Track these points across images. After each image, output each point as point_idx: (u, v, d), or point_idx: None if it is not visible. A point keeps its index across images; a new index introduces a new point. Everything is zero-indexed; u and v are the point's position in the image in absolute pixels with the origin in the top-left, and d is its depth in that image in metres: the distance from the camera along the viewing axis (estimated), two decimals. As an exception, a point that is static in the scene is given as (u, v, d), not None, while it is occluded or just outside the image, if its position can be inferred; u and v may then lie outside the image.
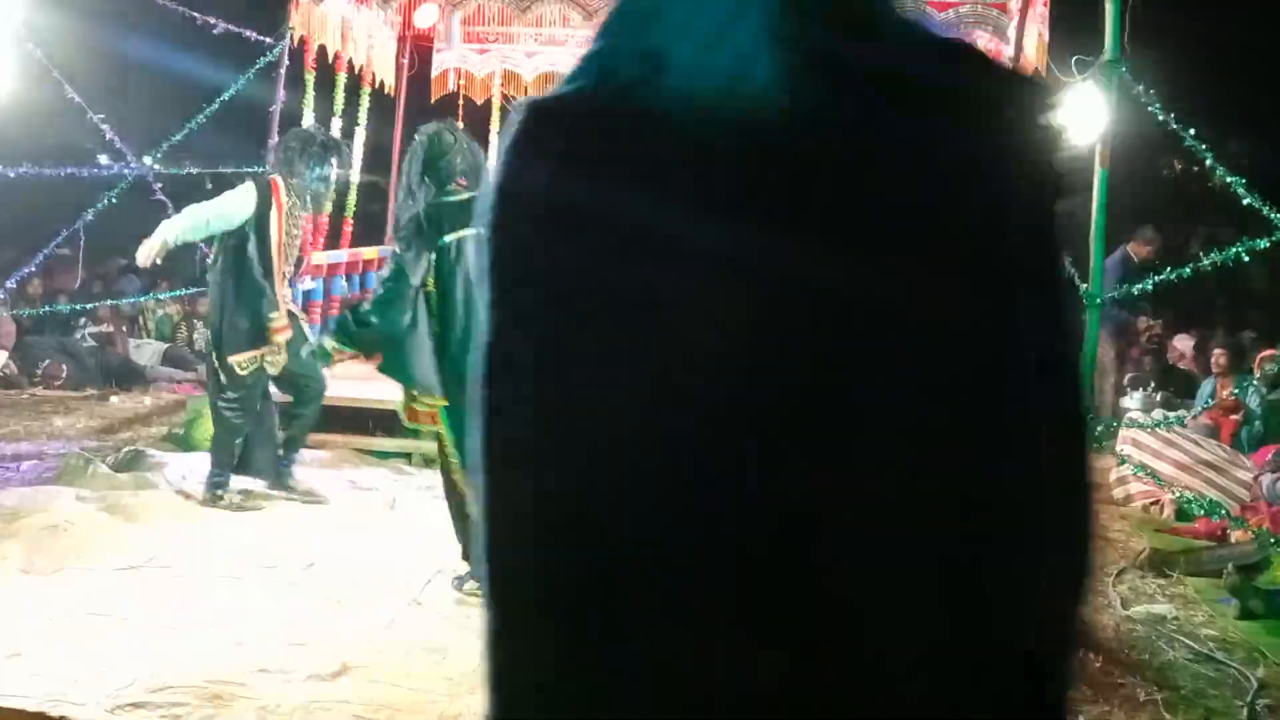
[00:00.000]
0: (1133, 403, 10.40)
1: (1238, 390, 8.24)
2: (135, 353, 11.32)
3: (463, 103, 11.59)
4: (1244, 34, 15.36)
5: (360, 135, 10.13)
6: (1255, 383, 8.27)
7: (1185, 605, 5.71)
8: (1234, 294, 15.62)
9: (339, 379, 6.90)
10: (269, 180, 6.44)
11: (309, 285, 8.96)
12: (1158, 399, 10.46)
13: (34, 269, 7.75)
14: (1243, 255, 4.52)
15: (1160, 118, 4.80)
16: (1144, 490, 7.83)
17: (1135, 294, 5.22)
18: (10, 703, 3.76)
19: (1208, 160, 4.71)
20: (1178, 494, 5.62)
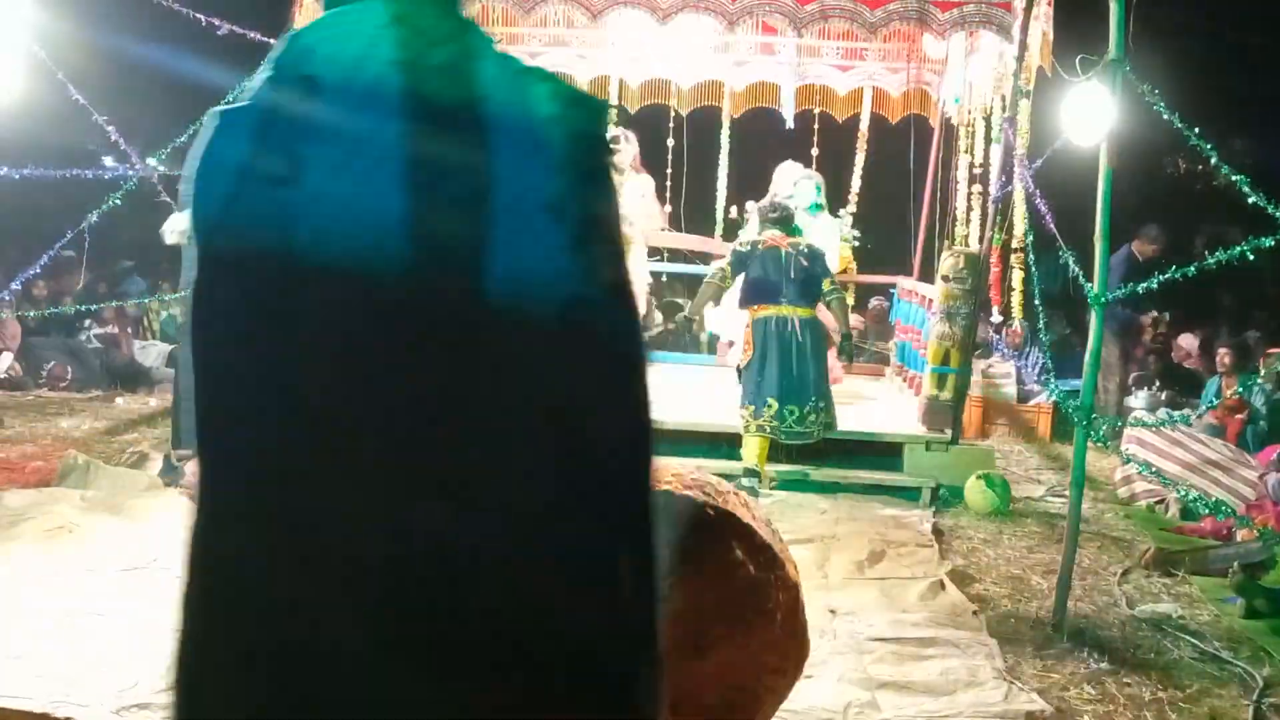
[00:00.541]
0: (1138, 402, 10.40)
1: (1243, 389, 8.23)
2: (140, 354, 11.33)
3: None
4: (1248, 33, 15.35)
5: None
6: (1260, 382, 8.26)
7: (1191, 604, 5.71)
8: (1239, 293, 15.60)
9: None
10: None
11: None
12: (1163, 398, 10.46)
13: (39, 270, 7.74)
14: (1248, 254, 4.50)
15: (1165, 116, 4.78)
16: (1149, 489, 7.83)
17: (1140, 293, 5.19)
18: (14, 704, 3.76)
19: (1212, 159, 4.70)
20: (1183, 493, 5.60)
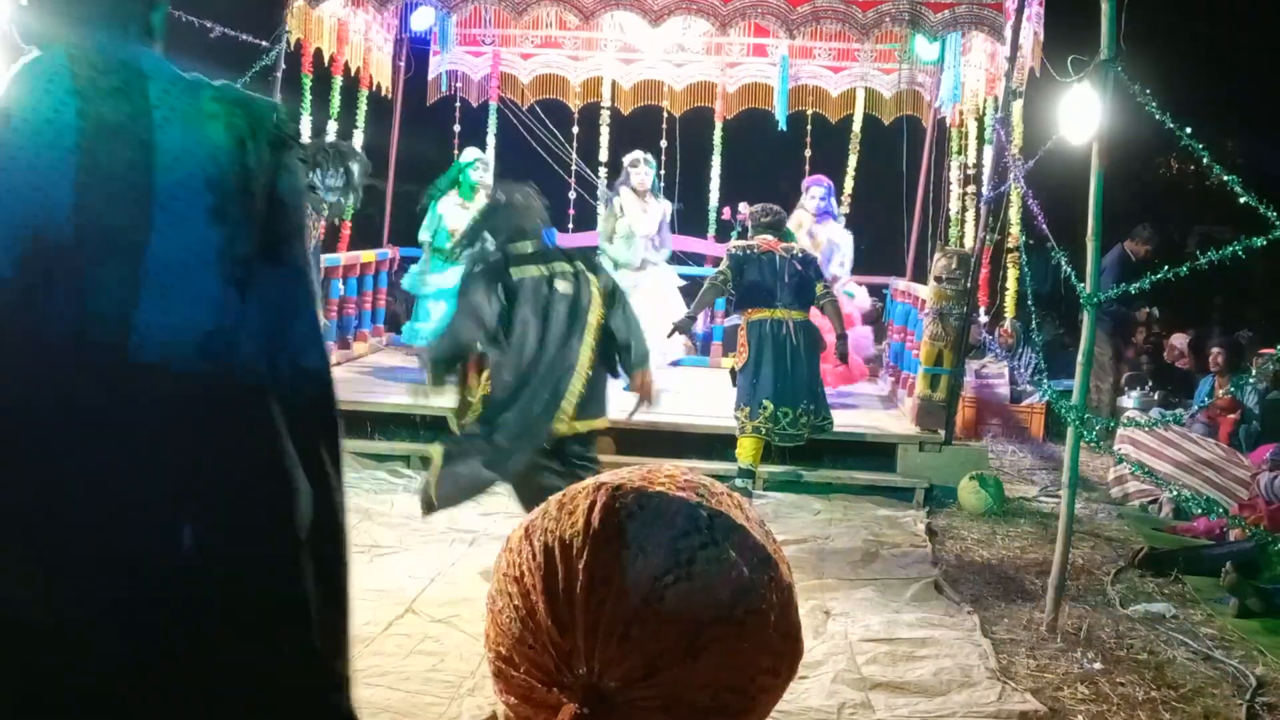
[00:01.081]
0: (1130, 401, 10.42)
1: (1235, 389, 8.25)
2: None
3: (459, 105, 11.58)
4: (1240, 33, 15.38)
5: (358, 138, 10.12)
6: (1252, 381, 8.28)
7: (1184, 604, 5.72)
8: (1231, 292, 15.63)
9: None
10: None
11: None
12: (1155, 398, 10.49)
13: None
14: (1239, 254, 4.51)
15: (1156, 117, 4.79)
16: (1142, 489, 7.85)
17: (1132, 293, 5.20)
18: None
19: (1204, 159, 4.70)
20: (1176, 492, 5.62)
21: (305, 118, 8.95)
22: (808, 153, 11.36)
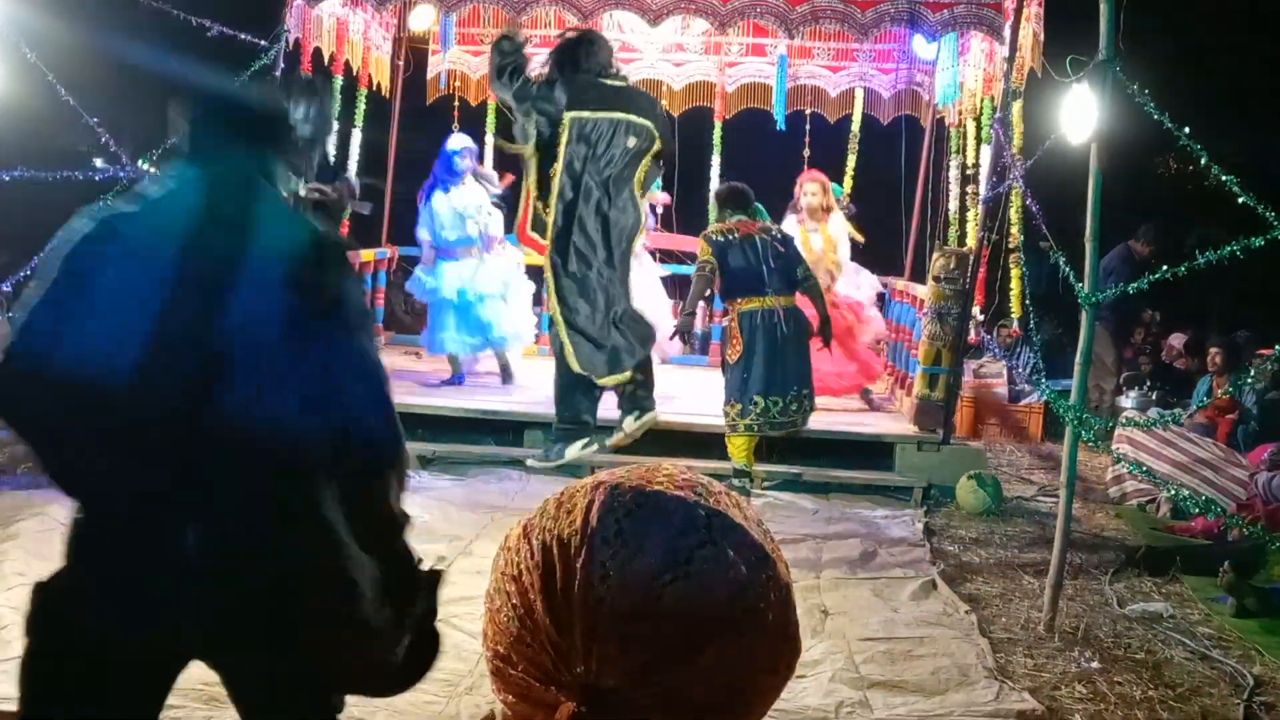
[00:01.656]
0: (1129, 401, 10.42)
1: (1233, 389, 8.25)
2: (131, 356, 11.30)
3: (458, 105, 11.58)
4: (1238, 34, 15.39)
5: (357, 137, 10.12)
6: (1251, 381, 8.28)
7: (1181, 603, 5.73)
8: (1229, 293, 15.63)
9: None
10: None
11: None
12: (1153, 397, 10.49)
13: (29, 273, 7.72)
14: (1238, 254, 4.51)
15: (1155, 117, 4.79)
16: (1140, 489, 7.86)
17: (1130, 293, 5.21)
18: (8, 706, 3.75)
19: (1202, 159, 4.71)
20: (1174, 492, 5.63)
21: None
22: (806, 152, 11.36)
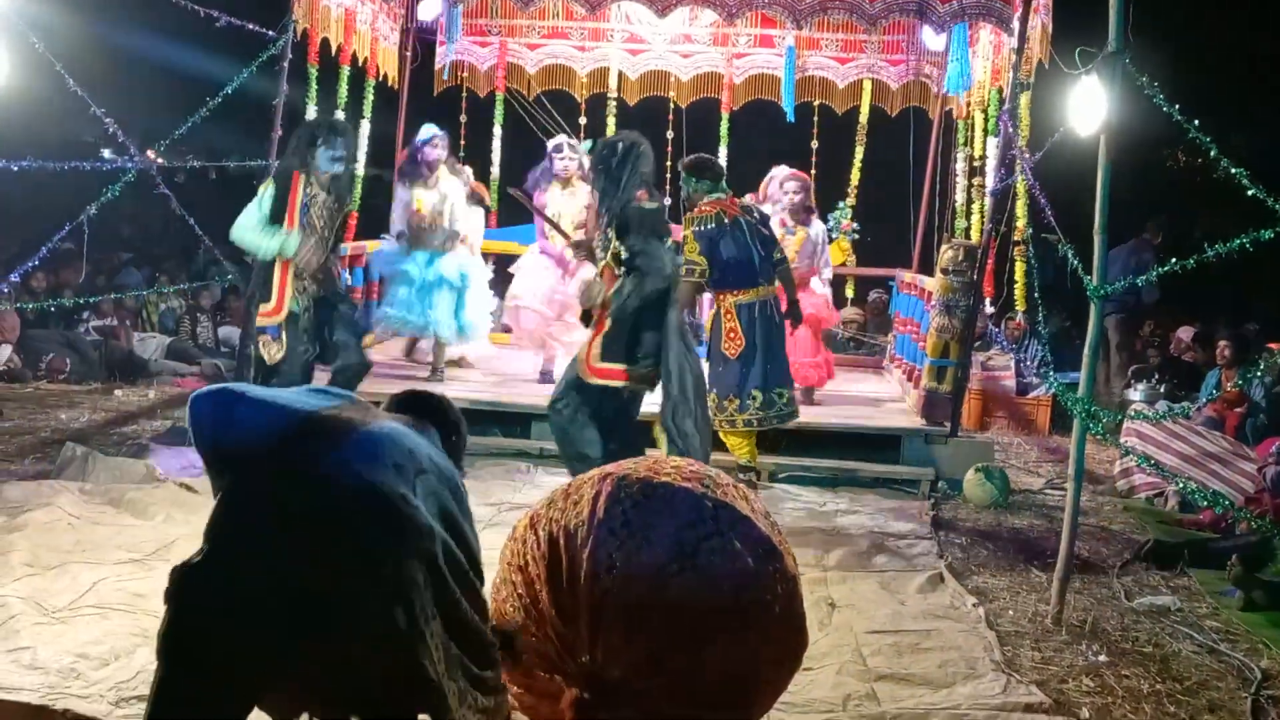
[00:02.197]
0: (1137, 394, 10.41)
1: (1242, 382, 8.23)
2: (139, 346, 11.32)
3: (465, 95, 11.58)
4: (1247, 26, 15.34)
5: (365, 128, 10.11)
6: (1260, 374, 8.26)
7: (1189, 597, 5.71)
8: (1238, 285, 15.60)
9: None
10: (290, 175, 6.82)
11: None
12: (1161, 390, 10.46)
13: (37, 263, 7.72)
14: (1247, 247, 4.50)
15: (1164, 110, 4.77)
16: (1148, 482, 7.84)
17: (1139, 285, 5.19)
18: (14, 696, 3.76)
19: (1211, 152, 4.69)
20: (1182, 485, 5.61)
21: (311, 108, 8.93)
22: (814, 144, 11.34)
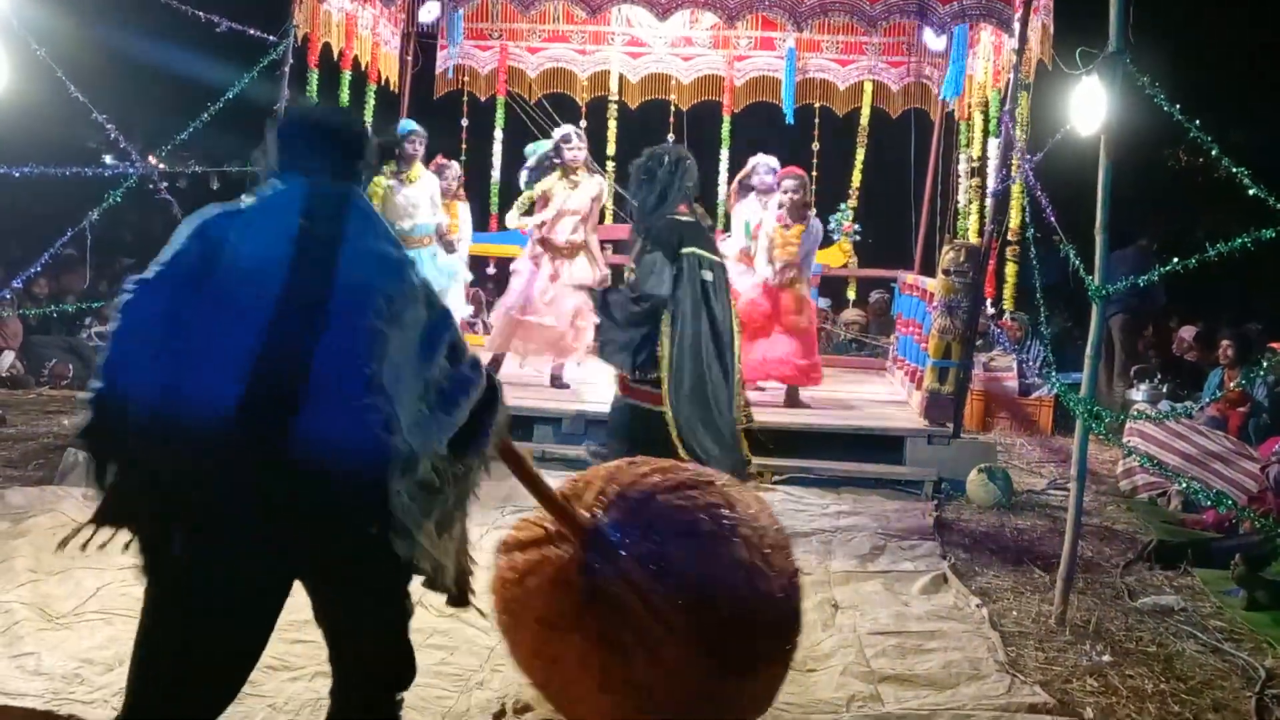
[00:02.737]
0: (1139, 394, 10.40)
1: (1244, 381, 8.22)
2: (141, 352, 11.32)
3: (466, 99, 11.59)
4: (1248, 25, 15.32)
5: (365, 133, 10.10)
6: (1262, 374, 8.26)
7: (1193, 596, 5.71)
8: (1240, 285, 15.58)
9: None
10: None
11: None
12: (1164, 391, 10.46)
13: (40, 268, 7.73)
14: (1249, 246, 4.49)
15: (1165, 109, 4.77)
16: (1151, 482, 7.83)
17: (1140, 285, 5.18)
18: (18, 701, 3.77)
19: (1213, 151, 4.69)
20: (1184, 485, 5.60)
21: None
22: (815, 146, 11.35)
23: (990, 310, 9.71)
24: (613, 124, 11.50)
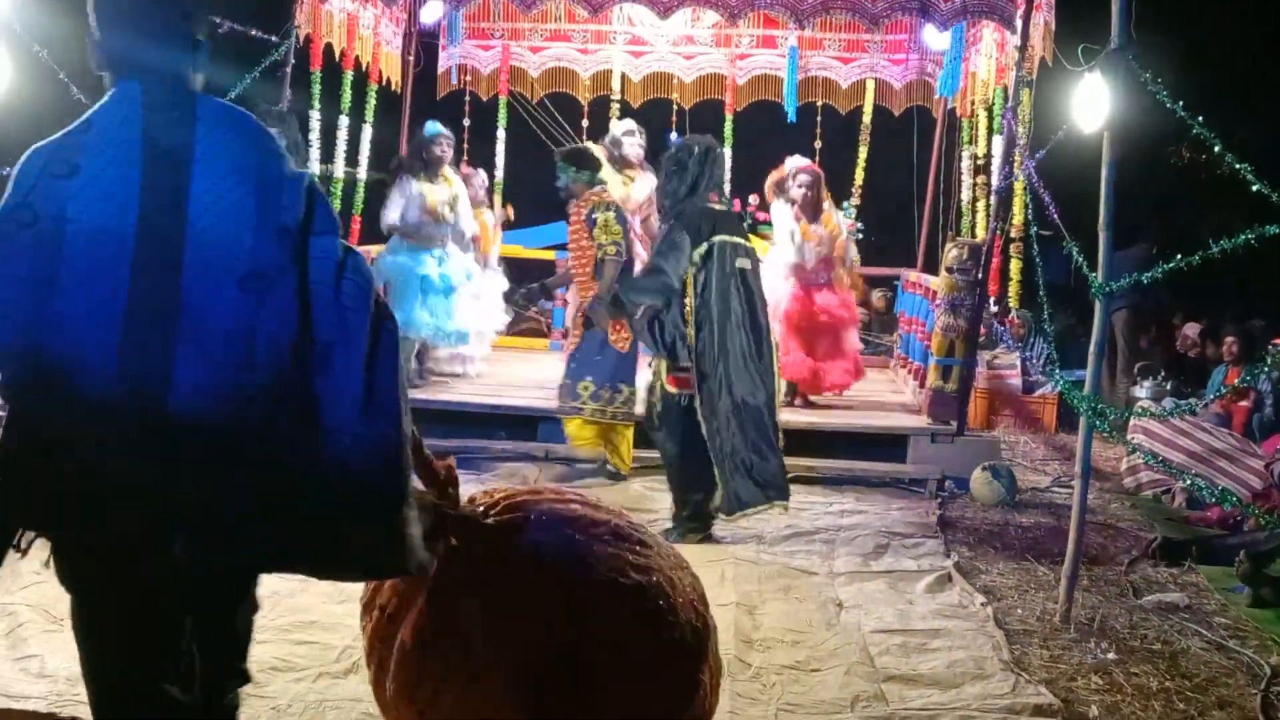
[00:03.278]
0: (1143, 391, 10.39)
1: (1249, 378, 8.21)
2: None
3: (468, 99, 11.58)
4: (1252, 20, 15.31)
5: (368, 133, 10.12)
6: (1267, 370, 8.24)
7: (1197, 594, 5.71)
8: (1244, 281, 15.57)
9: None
10: None
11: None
12: (1168, 387, 10.45)
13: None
14: (1252, 242, 4.49)
15: (1168, 106, 4.76)
16: (1155, 479, 7.83)
17: (1145, 282, 5.17)
18: (22, 704, 3.77)
19: (1216, 148, 4.68)
20: (1189, 482, 5.59)
21: (315, 114, 8.93)
22: (818, 144, 11.34)
23: (994, 308, 9.69)
24: (615, 123, 11.49)
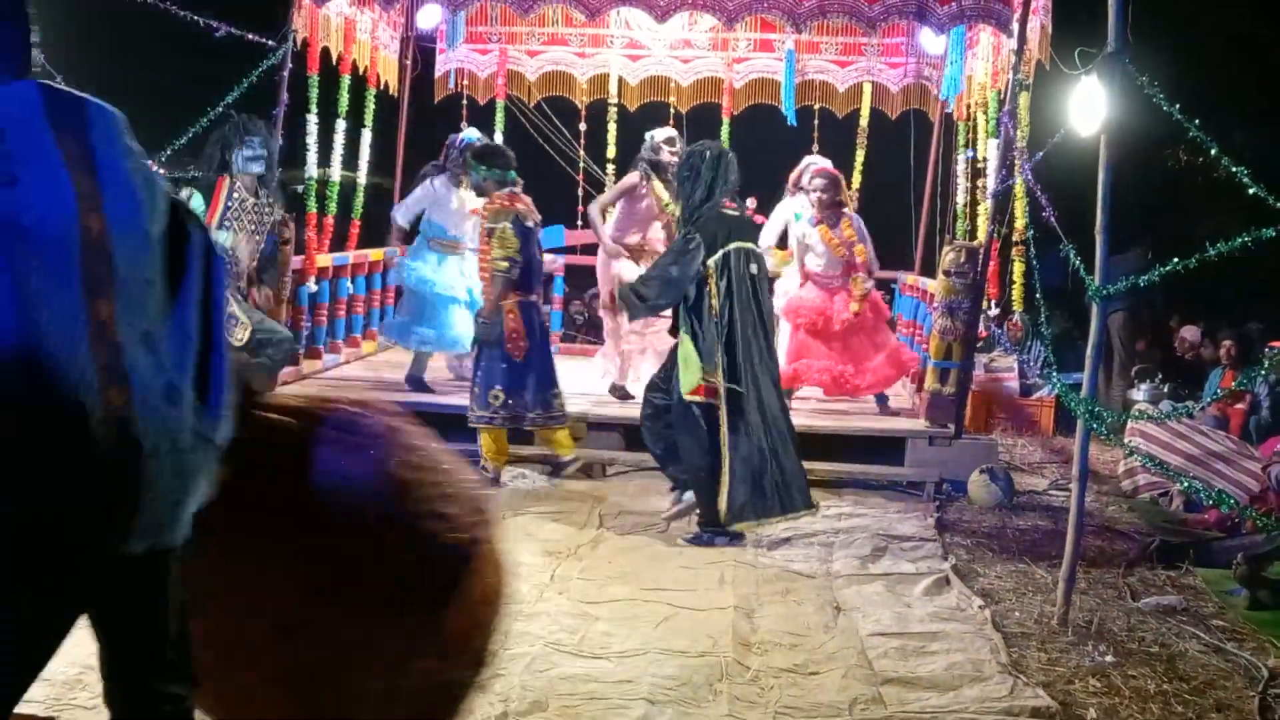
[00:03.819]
0: (1140, 394, 10.40)
1: (1246, 381, 8.22)
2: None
3: (466, 103, 11.58)
4: (1248, 23, 15.33)
5: (366, 137, 10.12)
6: (1264, 373, 8.26)
7: (1195, 596, 5.71)
8: (1241, 284, 15.57)
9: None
10: (214, 181, 7.00)
11: (314, 287, 8.97)
12: (1165, 390, 10.46)
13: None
14: (1249, 245, 4.49)
15: (1164, 109, 4.77)
16: (1152, 482, 7.83)
17: (1141, 285, 5.18)
18: (20, 707, 3.75)
19: (1213, 151, 4.69)
20: (1186, 485, 5.60)
21: (312, 118, 8.93)
22: (815, 148, 11.33)
23: (994, 311, 9.70)
24: (612, 127, 11.48)
